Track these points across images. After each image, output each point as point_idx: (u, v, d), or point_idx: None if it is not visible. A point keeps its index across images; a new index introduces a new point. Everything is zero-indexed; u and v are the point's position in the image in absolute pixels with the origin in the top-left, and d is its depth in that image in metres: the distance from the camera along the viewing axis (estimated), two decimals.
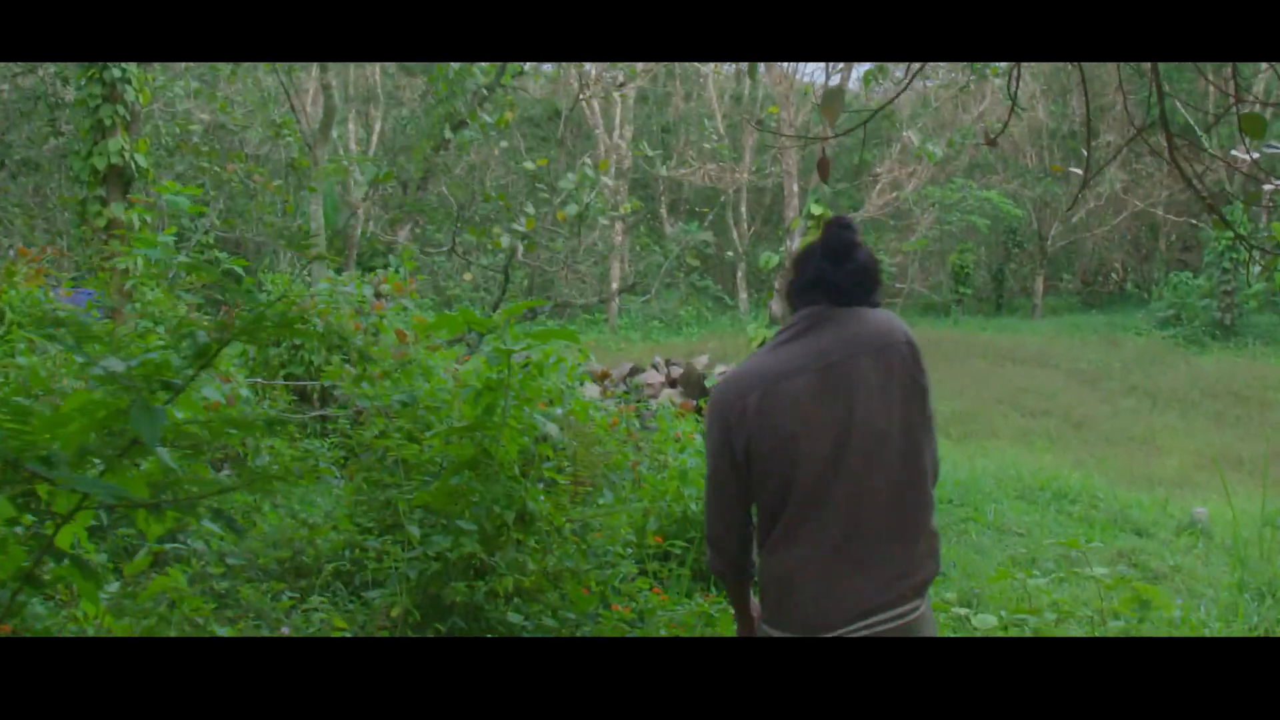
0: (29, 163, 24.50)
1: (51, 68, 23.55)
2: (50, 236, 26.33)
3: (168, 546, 7.21)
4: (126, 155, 21.33)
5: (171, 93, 26.92)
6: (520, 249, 17.33)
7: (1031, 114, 43.39)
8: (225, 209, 32.36)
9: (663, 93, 46.40)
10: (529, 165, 17.81)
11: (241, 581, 7.01)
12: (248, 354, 13.68)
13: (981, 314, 47.04)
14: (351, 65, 38.45)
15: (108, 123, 21.19)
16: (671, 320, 42.14)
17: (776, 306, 18.49)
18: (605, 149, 39.95)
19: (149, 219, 22.44)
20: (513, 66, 19.79)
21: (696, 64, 41.51)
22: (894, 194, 38.97)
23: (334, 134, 32.05)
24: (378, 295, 12.54)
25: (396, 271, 12.54)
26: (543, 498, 7.43)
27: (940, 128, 42.07)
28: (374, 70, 39.06)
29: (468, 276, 23.04)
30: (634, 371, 23.66)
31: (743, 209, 45.73)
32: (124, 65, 21.19)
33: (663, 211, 46.78)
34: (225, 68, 28.02)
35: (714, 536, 4.20)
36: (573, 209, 16.40)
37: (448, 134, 19.03)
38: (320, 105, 36.92)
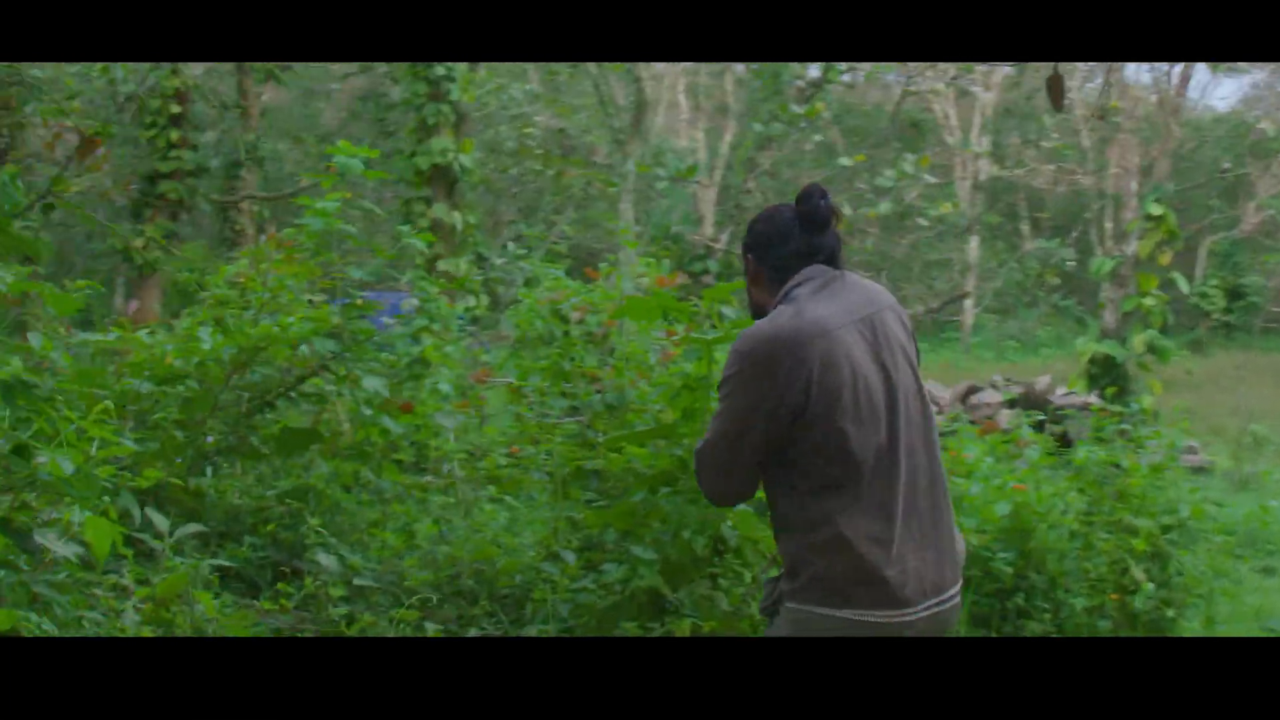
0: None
1: (382, 67, 23.21)
2: (374, 237, 26.04)
3: (296, 562, 6.10)
4: (450, 156, 20.71)
5: (508, 95, 26.33)
6: None
7: None
8: (576, 217, 31.87)
9: (1027, 108, 43.98)
10: (845, 161, 16.38)
11: (366, 608, 5.78)
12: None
13: None
14: (704, 70, 37.52)
15: (431, 122, 20.63)
16: (1029, 340, 39.89)
17: (1109, 317, 16.54)
18: (960, 160, 38.10)
19: (473, 220, 21.86)
20: (837, 65, 18.43)
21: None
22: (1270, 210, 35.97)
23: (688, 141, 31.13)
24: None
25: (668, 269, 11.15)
26: (731, 523, 6.00)
27: None
28: (727, 81, 38.05)
29: None
30: (971, 391, 22.06)
31: (1107, 224, 42.99)
32: (448, 64, 20.60)
33: (1023, 227, 44.43)
34: (564, 69, 27.37)
35: (719, 496, 3.97)
36: (885, 206, 14.88)
37: (758, 127, 17.84)
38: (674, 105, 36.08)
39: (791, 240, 3.86)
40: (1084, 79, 38.30)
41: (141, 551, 5.21)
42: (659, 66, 38.74)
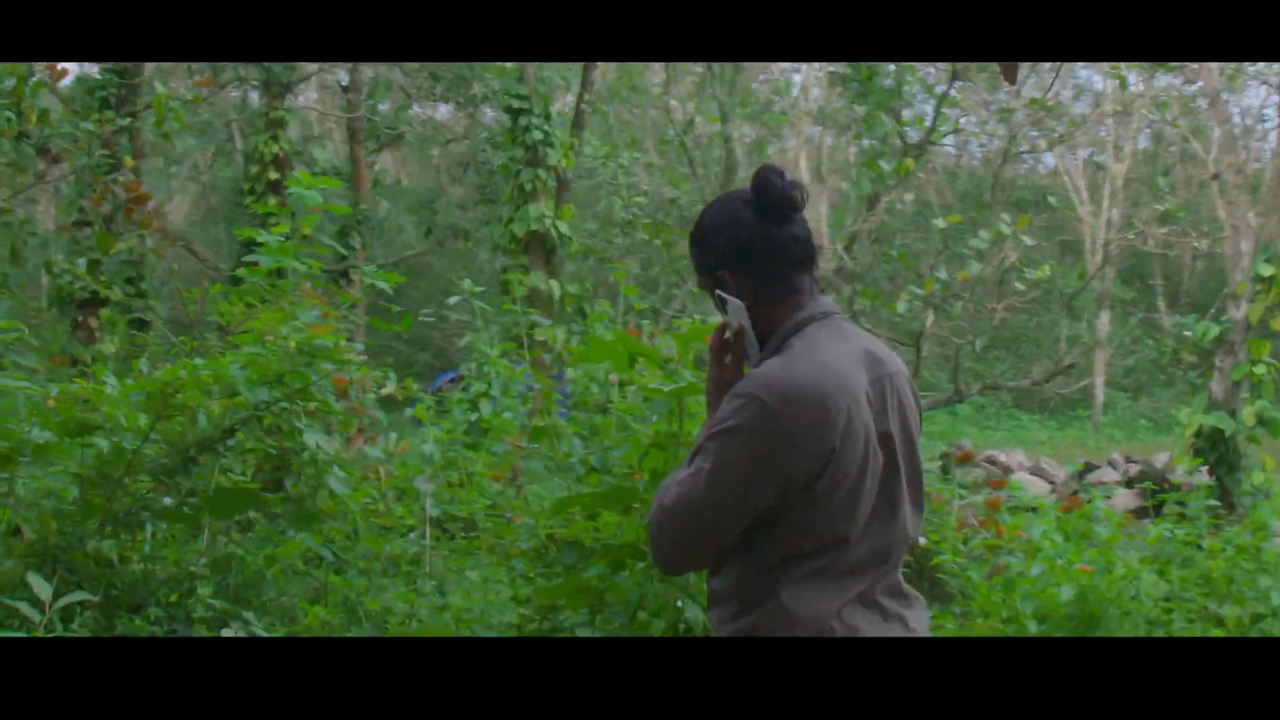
0: (457, 230, 23.68)
1: (484, 132, 22.77)
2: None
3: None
4: (547, 222, 20.09)
5: (617, 164, 25.67)
6: (930, 318, 14.88)
7: None
8: (695, 290, 31.10)
9: (1169, 181, 42.42)
10: (939, 223, 15.40)
11: None
12: None
13: None
14: (828, 142, 36.74)
15: (528, 188, 20.07)
16: (1163, 420, 38.20)
17: (1217, 387, 15.31)
18: (1091, 233, 36.76)
19: (573, 289, 21.14)
20: (941, 121, 17.51)
21: (1197, 149, 37.70)
22: None
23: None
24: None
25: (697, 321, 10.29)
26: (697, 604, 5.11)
27: None
28: (852, 153, 37.17)
29: None
30: (1088, 469, 20.91)
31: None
32: (546, 129, 20.04)
33: (1159, 303, 42.73)
34: (675, 138, 26.78)
35: (677, 564, 3.10)
36: (974, 268, 13.87)
37: (846, 188, 17.07)
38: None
39: (764, 239, 3.07)
40: (1219, 148, 36.95)
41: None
42: (788, 140, 38.15)
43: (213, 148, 27.16)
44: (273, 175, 21.59)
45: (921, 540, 7.78)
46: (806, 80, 35.05)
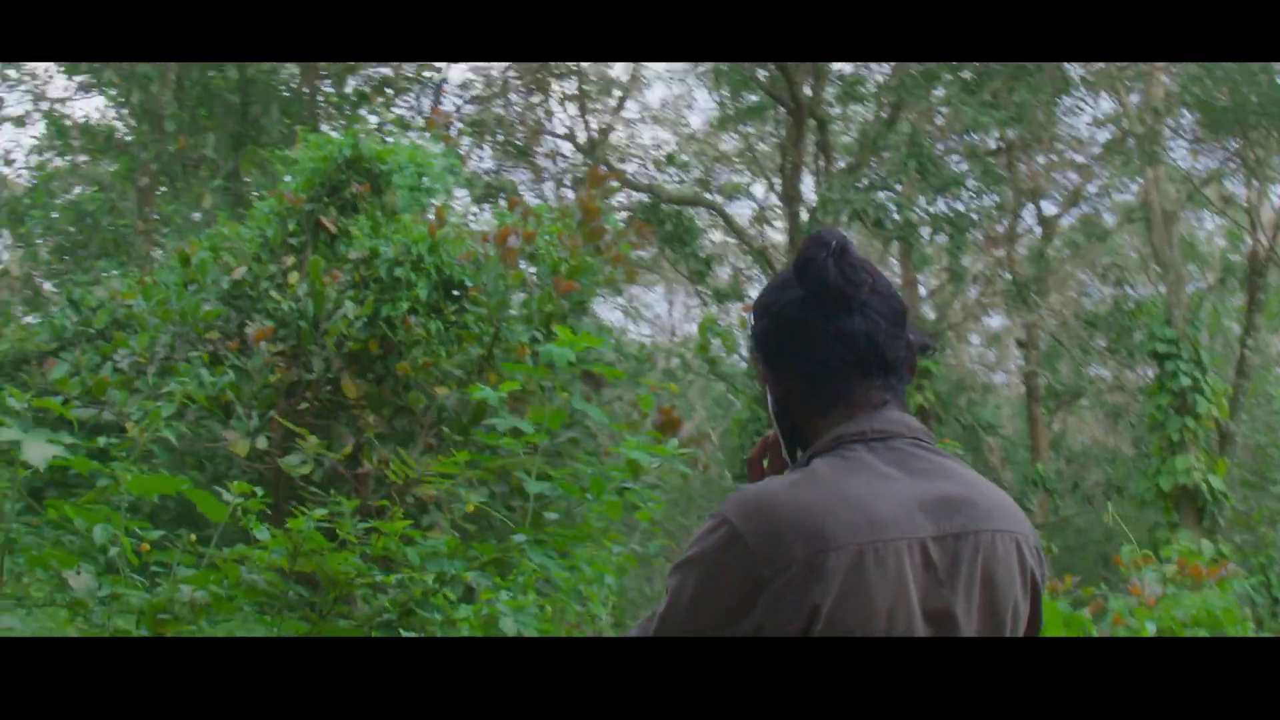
0: (1109, 485, 22.11)
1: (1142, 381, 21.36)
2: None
3: None
4: (1197, 476, 18.42)
5: None
6: None
7: None
8: None
9: None
10: None
11: None
12: None
13: None
14: None
15: (1176, 438, 18.59)
16: None
17: None
18: None
19: (1225, 551, 19.13)
20: None
21: None
22: None
23: None
24: None
25: None
26: None
27: None
28: None
29: None
30: None
31: None
32: (1196, 374, 18.59)
33: None
34: None
35: None
36: None
37: None
38: None
39: (804, 330, 2.18)
40: None
41: None
42: None
43: None
44: None
45: None
46: None
